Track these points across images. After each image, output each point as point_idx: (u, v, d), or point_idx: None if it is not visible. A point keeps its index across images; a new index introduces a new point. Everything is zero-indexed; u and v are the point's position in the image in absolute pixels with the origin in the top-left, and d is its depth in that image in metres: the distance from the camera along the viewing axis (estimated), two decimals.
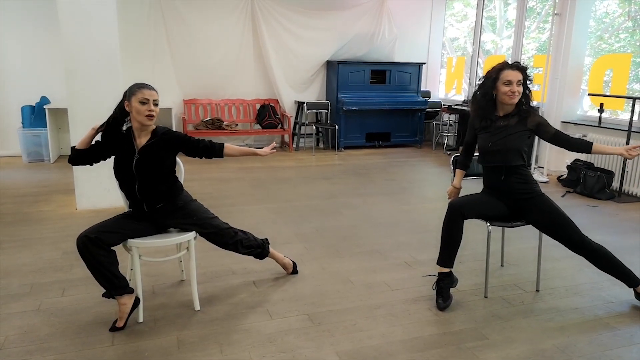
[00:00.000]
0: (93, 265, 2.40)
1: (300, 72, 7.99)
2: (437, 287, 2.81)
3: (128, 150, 2.55)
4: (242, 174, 6.09)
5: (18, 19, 6.52)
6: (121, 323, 2.48)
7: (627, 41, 7.32)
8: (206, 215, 2.73)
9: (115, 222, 2.56)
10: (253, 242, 2.87)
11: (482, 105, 2.83)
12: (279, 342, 2.41)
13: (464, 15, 9.67)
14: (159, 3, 7.00)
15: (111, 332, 2.46)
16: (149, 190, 2.57)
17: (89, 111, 4.25)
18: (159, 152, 2.56)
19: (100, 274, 2.42)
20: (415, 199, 5.16)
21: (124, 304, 2.48)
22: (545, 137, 2.81)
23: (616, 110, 5.95)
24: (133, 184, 2.56)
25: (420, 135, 8.31)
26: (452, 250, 2.78)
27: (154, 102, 2.50)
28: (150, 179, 2.56)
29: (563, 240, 2.75)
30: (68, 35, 4.21)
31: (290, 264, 3.16)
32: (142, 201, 2.58)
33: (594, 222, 4.47)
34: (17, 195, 4.93)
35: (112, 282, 2.44)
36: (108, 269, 2.42)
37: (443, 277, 2.80)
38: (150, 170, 2.55)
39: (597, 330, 2.59)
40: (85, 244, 2.37)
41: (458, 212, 2.74)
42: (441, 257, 2.81)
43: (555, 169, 6.20)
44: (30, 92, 6.66)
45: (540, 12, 8.90)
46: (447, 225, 2.78)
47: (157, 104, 2.52)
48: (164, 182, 2.61)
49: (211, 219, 2.74)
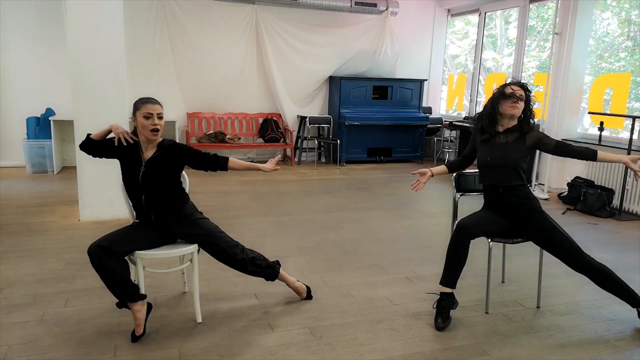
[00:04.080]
0: (106, 274, 2.42)
1: (303, 87, 8.07)
2: (437, 307, 2.79)
3: (135, 162, 2.59)
4: (244, 187, 6.12)
5: (24, 32, 6.61)
6: (140, 330, 2.51)
7: (627, 60, 7.40)
8: (213, 229, 2.72)
9: (125, 232, 2.58)
10: (262, 262, 2.79)
11: (484, 119, 2.87)
12: (281, 355, 2.42)
13: (465, 33, 9.80)
14: (165, 18, 7.11)
15: (133, 342, 2.48)
16: (155, 202, 2.60)
17: (95, 123, 4.24)
18: (165, 165, 2.60)
19: (114, 282, 2.44)
20: (416, 214, 5.18)
21: (138, 311, 2.50)
22: (548, 150, 2.81)
23: (616, 128, 6.00)
24: (140, 195, 2.59)
25: (421, 151, 8.36)
26: (456, 271, 2.78)
27: (158, 116, 2.54)
28: (156, 191, 2.59)
29: (563, 258, 2.76)
30: (75, 49, 4.28)
31: (304, 288, 3.04)
32: (149, 211, 2.61)
33: (595, 239, 4.48)
34: (20, 206, 4.95)
35: (126, 290, 2.46)
36: (122, 277, 2.44)
37: (445, 297, 2.78)
38: (156, 182, 2.58)
39: (598, 348, 2.59)
40: (98, 253, 2.38)
41: (465, 233, 2.74)
42: (445, 277, 2.79)
43: (555, 186, 6.23)
44: (36, 104, 6.74)
45: (541, 31, 9.02)
46: (453, 246, 2.77)
47: (161, 117, 2.56)
48: (170, 194, 2.65)
49: (218, 232, 2.72)
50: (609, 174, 5.58)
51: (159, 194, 2.60)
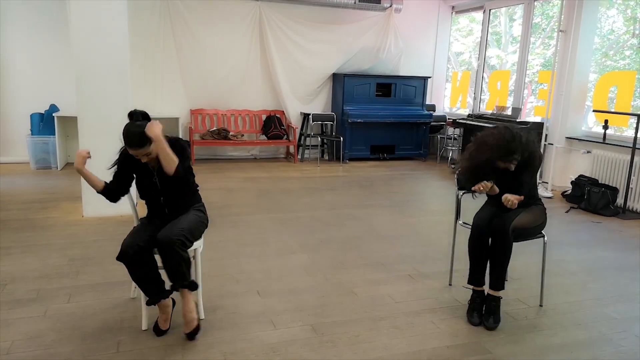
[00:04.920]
0: (145, 272, 2.43)
1: (307, 84, 8.06)
2: (472, 303, 2.85)
3: (147, 174, 2.58)
4: (247, 184, 6.13)
5: (29, 28, 6.62)
6: (167, 325, 2.54)
7: (632, 58, 7.36)
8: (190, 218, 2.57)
9: (144, 229, 2.54)
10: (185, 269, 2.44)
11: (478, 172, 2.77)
12: (283, 352, 2.42)
13: (470, 30, 9.76)
14: (168, 15, 7.10)
15: (158, 336, 2.50)
16: (173, 199, 2.61)
17: (99, 120, 4.32)
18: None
19: (150, 280, 2.46)
20: (419, 212, 5.18)
21: (167, 306, 2.55)
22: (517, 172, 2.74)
23: (621, 127, 5.97)
24: (158, 197, 2.60)
25: (424, 149, 8.34)
26: (482, 268, 2.83)
27: (144, 155, 2.44)
28: (175, 190, 2.59)
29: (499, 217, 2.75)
30: (79, 45, 4.28)
31: (194, 323, 2.50)
32: (164, 207, 2.62)
33: (598, 238, 4.47)
34: (24, 202, 4.97)
35: (159, 287, 2.50)
36: (156, 274, 2.47)
37: (478, 294, 2.85)
38: (174, 184, 2.55)
39: (601, 346, 2.59)
40: (137, 252, 2.37)
41: (482, 233, 2.79)
42: (473, 276, 2.86)
43: (559, 185, 6.20)
44: (40, 100, 6.75)
45: (546, 29, 8.97)
46: (473, 246, 2.83)
47: (148, 154, 2.43)
48: (186, 189, 2.64)
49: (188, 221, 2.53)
50: (613, 173, 5.56)
51: (177, 192, 2.60)
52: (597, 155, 5.76)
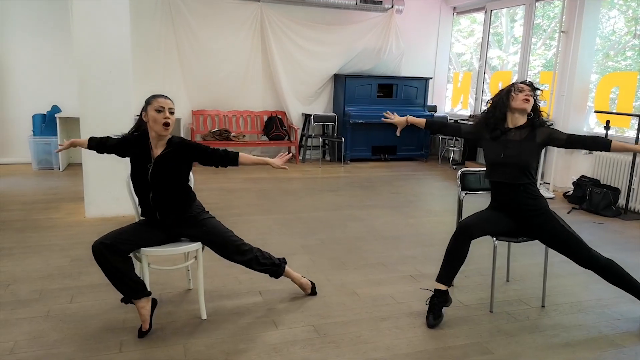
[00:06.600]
0: (110, 271, 2.43)
1: (308, 85, 8.07)
2: (430, 303, 2.78)
3: (144, 160, 2.59)
4: (248, 185, 6.13)
5: (31, 29, 6.64)
6: (146, 326, 2.53)
7: (634, 59, 7.35)
8: (220, 228, 2.73)
9: (129, 230, 2.60)
10: (268, 260, 2.82)
11: (493, 115, 2.84)
12: (285, 353, 2.42)
13: (471, 31, 9.76)
14: (170, 16, 7.12)
15: (140, 338, 2.50)
16: (162, 199, 2.61)
17: (100, 121, 4.32)
18: (174, 162, 2.60)
19: (117, 279, 2.46)
20: (420, 213, 5.18)
21: (142, 307, 2.52)
22: (560, 144, 2.80)
23: (622, 127, 5.97)
24: (148, 192, 2.60)
25: (426, 149, 8.35)
26: (454, 270, 2.77)
27: (169, 110, 2.55)
28: (165, 188, 2.60)
29: (570, 256, 2.74)
30: (81, 46, 4.29)
31: (308, 284, 3.06)
32: (154, 209, 2.62)
33: (600, 239, 4.46)
34: (26, 202, 4.98)
35: (129, 287, 2.48)
36: (125, 274, 2.46)
37: (439, 294, 2.76)
38: (165, 179, 2.59)
39: (603, 347, 2.59)
40: (101, 250, 2.40)
41: (466, 233, 2.73)
42: (441, 275, 2.78)
43: (561, 185, 6.20)
44: (42, 101, 6.77)
45: (547, 29, 8.97)
46: (453, 245, 2.76)
47: (172, 112, 2.57)
48: (178, 192, 2.65)
49: (224, 231, 2.73)
50: (615, 173, 5.56)
51: (167, 192, 2.60)
52: (599, 156, 5.75)
